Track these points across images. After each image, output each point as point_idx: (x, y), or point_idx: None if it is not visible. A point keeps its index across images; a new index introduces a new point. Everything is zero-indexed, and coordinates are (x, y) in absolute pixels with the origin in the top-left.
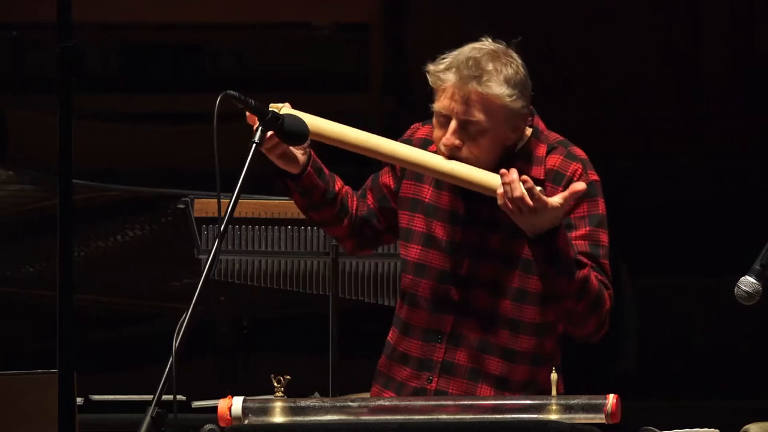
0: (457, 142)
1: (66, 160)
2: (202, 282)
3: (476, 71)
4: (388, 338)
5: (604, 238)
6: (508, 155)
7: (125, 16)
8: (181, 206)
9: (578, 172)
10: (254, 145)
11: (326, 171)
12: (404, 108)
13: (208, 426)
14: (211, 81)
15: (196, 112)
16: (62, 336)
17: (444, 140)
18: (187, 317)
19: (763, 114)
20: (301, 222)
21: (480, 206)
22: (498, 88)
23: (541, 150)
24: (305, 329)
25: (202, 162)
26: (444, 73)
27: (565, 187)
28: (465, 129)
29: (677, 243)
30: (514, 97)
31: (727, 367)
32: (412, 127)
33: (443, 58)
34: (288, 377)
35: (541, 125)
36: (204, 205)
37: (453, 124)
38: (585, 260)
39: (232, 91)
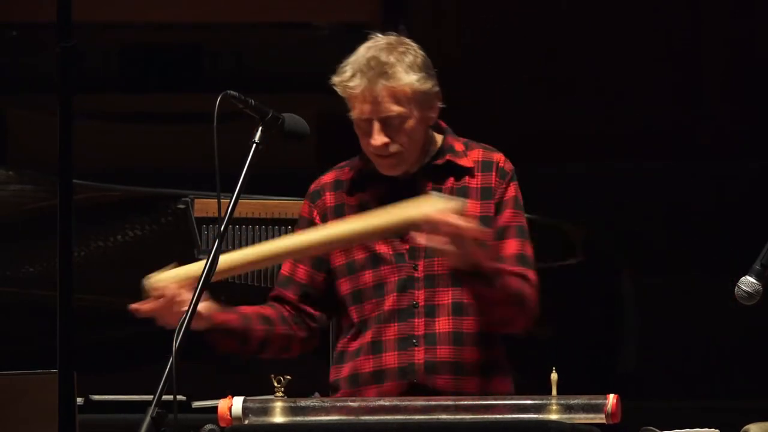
0: (385, 139)
1: (66, 160)
2: (202, 282)
3: (380, 68)
4: (338, 375)
5: (524, 220)
6: (436, 152)
7: (125, 16)
8: (181, 206)
9: (502, 159)
10: (254, 145)
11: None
12: None
13: (208, 426)
14: (211, 81)
15: (196, 112)
16: (62, 336)
17: (373, 143)
18: (187, 317)
19: (763, 114)
20: None
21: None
22: (405, 77)
23: (459, 146)
24: None
25: (202, 162)
26: (351, 80)
27: (497, 174)
28: (388, 125)
29: (677, 243)
30: (422, 80)
31: (727, 367)
32: (312, 184)
33: (343, 67)
34: (288, 377)
35: (447, 127)
36: (204, 205)
37: (376, 125)
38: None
39: (232, 91)
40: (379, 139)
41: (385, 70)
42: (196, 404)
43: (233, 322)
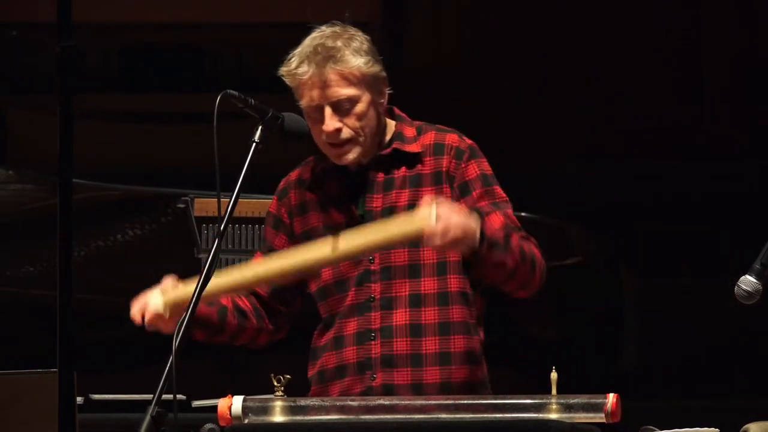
0: (338, 124)
1: (66, 160)
2: (202, 282)
3: (327, 53)
4: (310, 372)
5: (500, 192)
6: (387, 142)
7: (125, 16)
8: (181, 206)
9: (455, 139)
10: (254, 144)
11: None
12: (404, 108)
13: (208, 425)
14: (211, 81)
15: (196, 112)
16: (62, 336)
17: (325, 129)
18: (187, 317)
19: (763, 114)
20: None
21: (374, 200)
22: (353, 59)
23: (410, 131)
24: (305, 329)
25: (202, 162)
26: (298, 68)
27: (451, 155)
28: (338, 108)
29: (677, 243)
30: (369, 64)
31: (727, 367)
32: (282, 181)
33: (290, 58)
34: (288, 377)
35: (404, 114)
36: (204, 205)
37: (327, 110)
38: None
39: (232, 91)
40: (331, 124)
41: (332, 54)
42: (196, 404)
43: (212, 316)
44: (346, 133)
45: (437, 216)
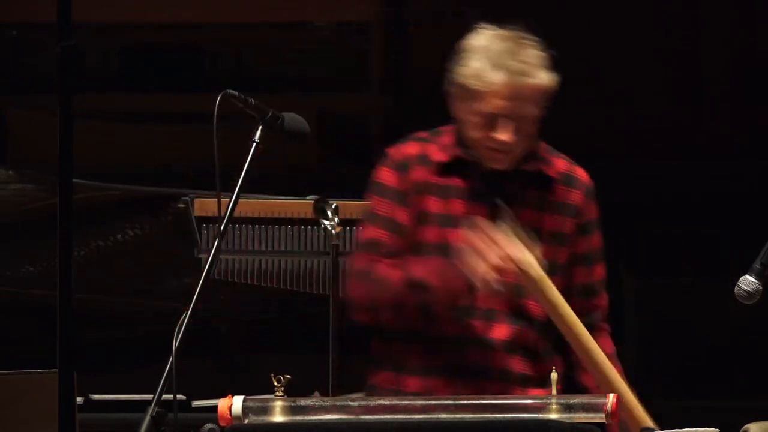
0: (514, 137)
1: (66, 160)
2: (202, 281)
3: (521, 65)
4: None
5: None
6: (529, 154)
7: (125, 16)
8: (181, 206)
9: (585, 176)
10: (254, 144)
11: None
12: (404, 108)
13: (208, 426)
14: (211, 81)
15: (196, 112)
16: (62, 336)
17: (500, 137)
18: (187, 317)
19: (763, 114)
20: (301, 222)
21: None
22: (545, 76)
23: (543, 151)
24: (305, 329)
25: (202, 162)
26: (487, 73)
27: (582, 192)
28: (516, 123)
29: (677, 243)
30: (553, 79)
31: (727, 367)
32: (389, 151)
33: (473, 58)
34: (288, 377)
35: None
36: (204, 205)
37: (506, 121)
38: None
39: (231, 91)
40: (507, 135)
41: (527, 69)
42: (196, 404)
43: None
44: (515, 146)
45: None
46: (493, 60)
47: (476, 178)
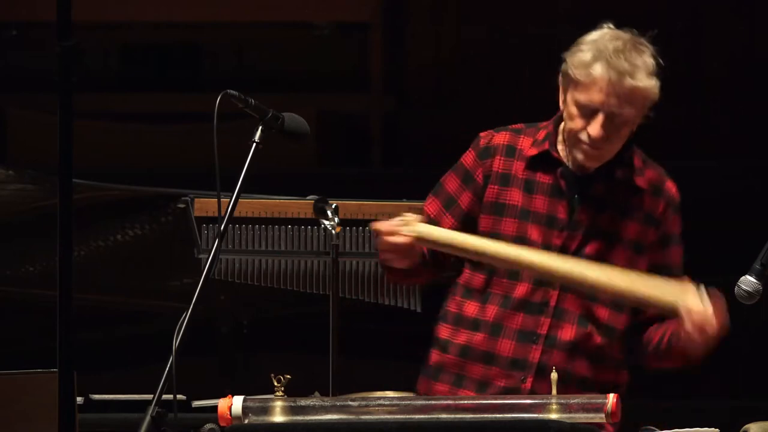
0: (604, 134)
1: (66, 160)
2: (202, 281)
3: (627, 65)
4: (451, 338)
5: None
6: (619, 158)
7: (125, 16)
8: (181, 206)
9: (674, 188)
10: (254, 144)
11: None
12: (404, 108)
13: (208, 426)
14: (211, 81)
15: (196, 112)
16: (62, 336)
17: (592, 132)
18: (187, 317)
19: (763, 114)
20: (301, 222)
21: (585, 212)
22: (648, 82)
23: (638, 160)
24: (305, 329)
25: (202, 162)
26: (593, 66)
27: (666, 203)
28: (611, 121)
29: None
30: (657, 88)
31: (727, 367)
32: (481, 135)
33: (581, 49)
34: (288, 377)
35: None
36: (204, 205)
37: (601, 117)
38: None
39: (232, 91)
40: (599, 131)
41: (632, 69)
42: (196, 404)
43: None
44: (603, 143)
45: (707, 309)
46: (602, 55)
47: (561, 176)
